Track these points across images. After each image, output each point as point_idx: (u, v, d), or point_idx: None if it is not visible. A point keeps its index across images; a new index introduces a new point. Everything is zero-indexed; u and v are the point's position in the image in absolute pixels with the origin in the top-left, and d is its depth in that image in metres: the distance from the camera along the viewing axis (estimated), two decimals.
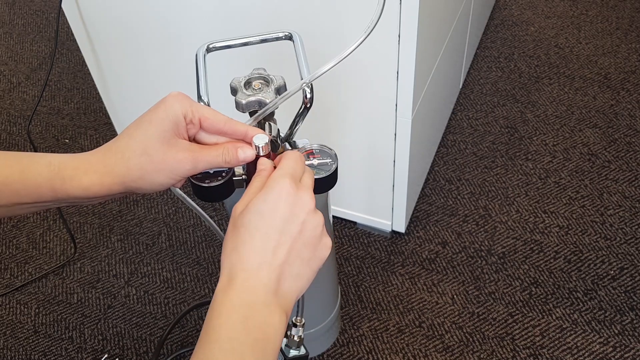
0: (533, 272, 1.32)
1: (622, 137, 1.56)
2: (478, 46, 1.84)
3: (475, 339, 1.23)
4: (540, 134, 1.58)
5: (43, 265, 1.41)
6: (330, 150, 0.78)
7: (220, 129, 0.55)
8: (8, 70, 1.92)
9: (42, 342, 1.29)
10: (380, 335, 1.25)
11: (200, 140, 0.56)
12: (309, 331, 1.13)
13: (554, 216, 1.41)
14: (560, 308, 1.26)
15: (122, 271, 1.39)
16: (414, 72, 1.01)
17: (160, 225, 1.47)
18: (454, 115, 1.64)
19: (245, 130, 0.56)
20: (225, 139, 0.56)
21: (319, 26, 1.00)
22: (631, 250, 1.34)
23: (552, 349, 1.21)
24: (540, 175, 1.49)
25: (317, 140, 0.76)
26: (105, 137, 1.68)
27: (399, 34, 0.96)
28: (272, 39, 0.81)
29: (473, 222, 1.41)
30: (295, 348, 0.67)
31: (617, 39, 1.83)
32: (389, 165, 1.20)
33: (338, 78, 1.08)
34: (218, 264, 1.38)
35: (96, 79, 1.39)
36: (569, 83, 1.71)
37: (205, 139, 0.56)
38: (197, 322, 1.29)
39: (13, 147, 1.68)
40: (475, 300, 1.28)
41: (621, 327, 1.22)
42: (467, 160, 1.54)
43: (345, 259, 1.37)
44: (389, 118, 1.11)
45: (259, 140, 0.59)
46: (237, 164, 0.56)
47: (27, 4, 2.18)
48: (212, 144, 0.55)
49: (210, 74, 1.05)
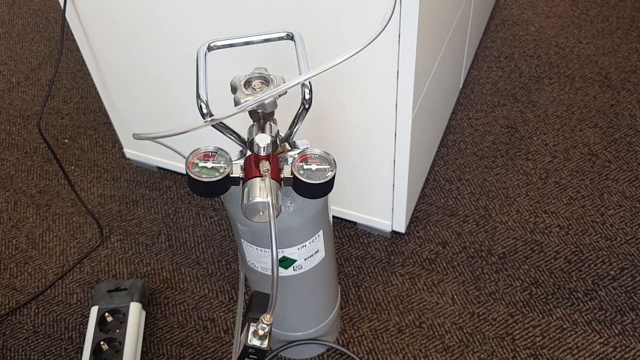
0: (533, 272, 1.32)
1: (623, 137, 1.56)
2: (478, 46, 1.84)
3: (475, 339, 1.23)
4: (540, 134, 1.58)
5: (42, 266, 1.41)
6: (330, 157, 0.78)
7: None
8: (7, 70, 1.92)
9: (42, 342, 1.29)
10: (380, 336, 1.25)
11: None
12: (309, 331, 1.13)
13: (554, 216, 1.41)
14: (560, 308, 1.26)
15: (122, 271, 1.39)
16: (414, 72, 1.01)
17: (160, 226, 1.47)
18: (454, 115, 1.64)
19: None
20: None
21: (319, 26, 1.00)
22: (632, 251, 1.34)
23: (553, 349, 1.21)
24: (540, 175, 1.49)
25: (317, 141, 0.76)
26: (105, 137, 1.68)
27: (399, 34, 0.96)
28: (274, 39, 0.81)
29: (473, 222, 1.41)
30: (259, 339, 0.70)
31: (617, 38, 1.82)
32: (389, 165, 1.20)
33: (338, 78, 1.08)
34: (218, 264, 1.38)
35: (96, 79, 1.38)
36: (570, 83, 1.71)
37: None
38: (197, 322, 1.29)
39: (12, 147, 1.68)
40: (476, 301, 1.28)
41: (622, 327, 1.22)
42: (468, 160, 1.53)
43: (345, 259, 1.37)
44: (389, 118, 1.10)
45: (260, 141, 0.59)
46: None
47: (27, 3, 2.17)
48: None
49: (210, 74, 1.05)
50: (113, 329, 1.23)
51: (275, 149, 0.77)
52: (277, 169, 0.76)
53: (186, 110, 1.32)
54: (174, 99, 1.31)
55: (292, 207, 0.84)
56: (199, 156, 0.76)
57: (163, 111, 1.36)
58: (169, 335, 1.28)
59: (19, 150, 1.68)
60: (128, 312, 1.24)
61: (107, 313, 1.24)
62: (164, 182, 1.56)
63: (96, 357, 1.19)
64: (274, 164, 0.75)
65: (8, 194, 1.57)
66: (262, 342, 0.70)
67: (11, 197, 1.56)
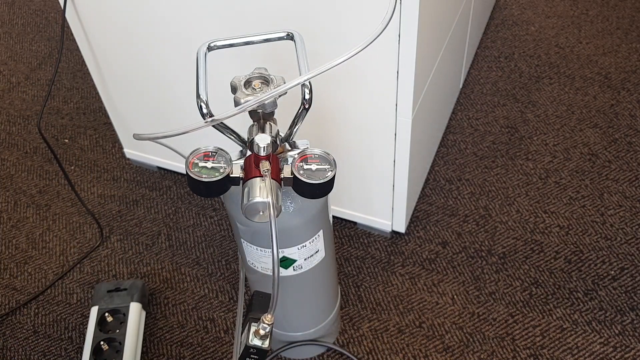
0: (533, 272, 1.32)
1: (623, 137, 1.56)
2: (478, 46, 1.84)
3: (475, 339, 1.23)
4: (540, 134, 1.58)
5: (42, 266, 1.41)
6: (330, 157, 0.78)
7: None
8: (7, 70, 1.92)
9: (41, 342, 1.29)
10: (380, 336, 1.25)
11: None
12: (309, 331, 1.13)
13: (554, 216, 1.41)
14: (560, 308, 1.26)
15: (121, 271, 1.39)
16: (414, 72, 1.01)
17: (160, 226, 1.47)
18: (454, 115, 1.64)
19: None
20: None
21: (319, 26, 1.00)
22: (632, 251, 1.34)
23: (553, 349, 1.21)
24: (540, 175, 1.49)
25: (317, 140, 0.76)
26: (105, 136, 1.68)
27: (399, 33, 0.96)
28: (274, 39, 0.80)
29: (473, 222, 1.41)
30: (260, 339, 0.70)
31: (617, 38, 1.82)
32: (389, 165, 1.20)
33: (338, 78, 1.07)
34: (218, 264, 1.38)
35: (96, 79, 1.38)
36: (570, 83, 1.71)
37: None
38: (197, 322, 1.29)
39: (12, 147, 1.68)
40: (476, 301, 1.28)
41: (622, 327, 1.22)
42: (468, 160, 1.53)
43: (345, 259, 1.37)
44: (389, 118, 1.10)
45: (260, 141, 0.59)
46: None
47: (27, 3, 2.17)
48: None
49: (211, 74, 1.06)
50: (113, 329, 1.23)
51: (275, 149, 0.77)
52: (277, 169, 0.76)
53: (186, 110, 1.32)
54: (174, 99, 1.30)
55: (292, 207, 0.84)
56: (199, 156, 0.76)
57: (163, 111, 1.36)
58: (169, 335, 1.28)
59: (19, 150, 1.68)
60: (128, 312, 1.24)
61: (107, 313, 1.24)
62: (164, 182, 1.56)
63: (96, 357, 1.19)
64: (274, 164, 0.75)
65: (8, 194, 1.57)
66: (264, 342, 0.71)
67: (11, 197, 1.56)
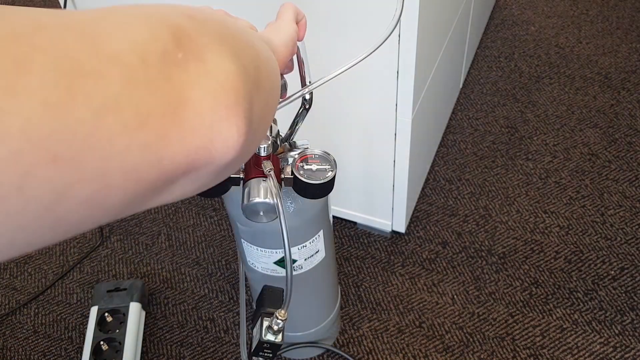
0: (533, 272, 1.31)
1: (623, 137, 1.56)
2: (478, 46, 1.84)
3: (475, 339, 1.23)
4: (540, 134, 1.58)
5: (42, 266, 1.41)
6: (331, 157, 0.78)
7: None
8: None
9: (41, 342, 1.29)
10: (380, 336, 1.25)
11: None
12: (309, 331, 1.13)
13: (554, 216, 1.41)
14: (560, 308, 1.26)
15: (121, 271, 1.39)
16: (414, 72, 1.01)
17: (160, 225, 1.47)
18: (454, 115, 1.64)
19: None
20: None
21: (320, 26, 1.00)
22: (632, 250, 1.34)
23: (553, 349, 1.21)
24: (540, 175, 1.49)
25: (317, 141, 0.76)
26: None
27: (399, 34, 0.96)
28: None
29: (473, 222, 1.41)
30: (273, 334, 0.71)
31: (617, 38, 1.82)
32: (389, 165, 1.20)
33: (338, 78, 1.07)
34: (218, 264, 1.38)
35: None
36: (570, 83, 1.71)
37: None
38: (197, 322, 1.29)
39: None
40: (476, 301, 1.28)
41: (622, 327, 1.22)
42: (468, 160, 1.53)
43: (345, 259, 1.37)
44: (389, 118, 1.10)
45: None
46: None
47: (27, 3, 2.17)
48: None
49: None
50: (113, 329, 1.23)
51: (275, 149, 0.77)
52: (278, 169, 0.76)
53: None
54: None
55: (292, 207, 0.84)
56: None
57: None
58: (169, 335, 1.28)
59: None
60: (128, 312, 1.24)
61: (107, 313, 1.24)
62: None
63: (96, 357, 1.19)
64: (275, 164, 0.75)
65: None
66: (277, 337, 0.72)
67: None
